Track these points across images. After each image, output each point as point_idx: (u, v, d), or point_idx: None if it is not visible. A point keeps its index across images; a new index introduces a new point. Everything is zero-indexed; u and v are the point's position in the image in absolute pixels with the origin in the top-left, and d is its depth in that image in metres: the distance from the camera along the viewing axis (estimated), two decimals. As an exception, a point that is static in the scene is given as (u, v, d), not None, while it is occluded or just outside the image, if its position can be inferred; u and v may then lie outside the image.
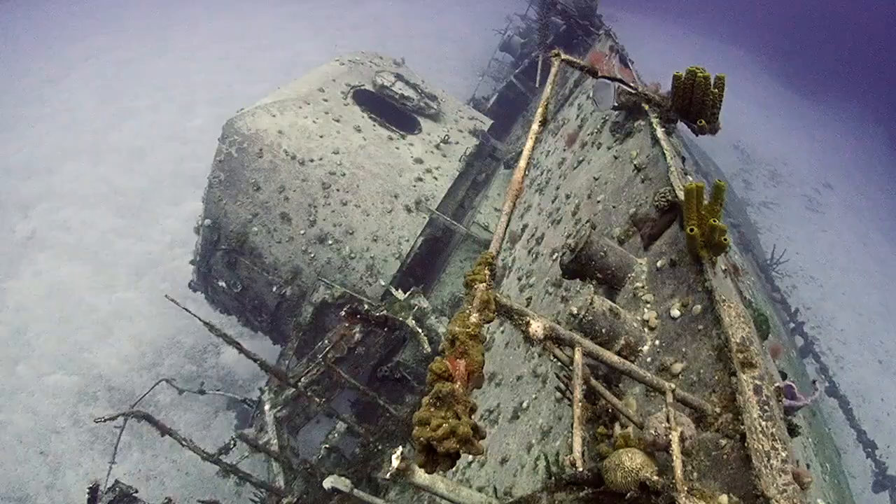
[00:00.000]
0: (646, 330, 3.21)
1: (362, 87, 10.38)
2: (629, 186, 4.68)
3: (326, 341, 6.42)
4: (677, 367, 2.82)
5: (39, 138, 21.54)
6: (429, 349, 5.77)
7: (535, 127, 2.91)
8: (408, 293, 7.28)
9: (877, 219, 26.34)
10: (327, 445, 5.99)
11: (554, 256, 5.54)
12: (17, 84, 24.85)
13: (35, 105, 23.77)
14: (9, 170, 19.80)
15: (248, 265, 8.42)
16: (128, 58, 27.33)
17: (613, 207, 4.74)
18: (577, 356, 2.13)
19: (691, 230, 2.91)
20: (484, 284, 2.06)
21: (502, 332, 5.88)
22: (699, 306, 2.93)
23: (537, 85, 11.54)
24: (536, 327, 2.08)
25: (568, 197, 6.23)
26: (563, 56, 3.68)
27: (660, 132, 4.60)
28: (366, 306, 7.82)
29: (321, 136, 8.67)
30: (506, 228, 2.32)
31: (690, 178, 5.06)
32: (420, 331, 5.90)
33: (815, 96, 38.27)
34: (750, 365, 2.44)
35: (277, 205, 8.21)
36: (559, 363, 4.37)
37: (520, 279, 6.30)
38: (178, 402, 13.39)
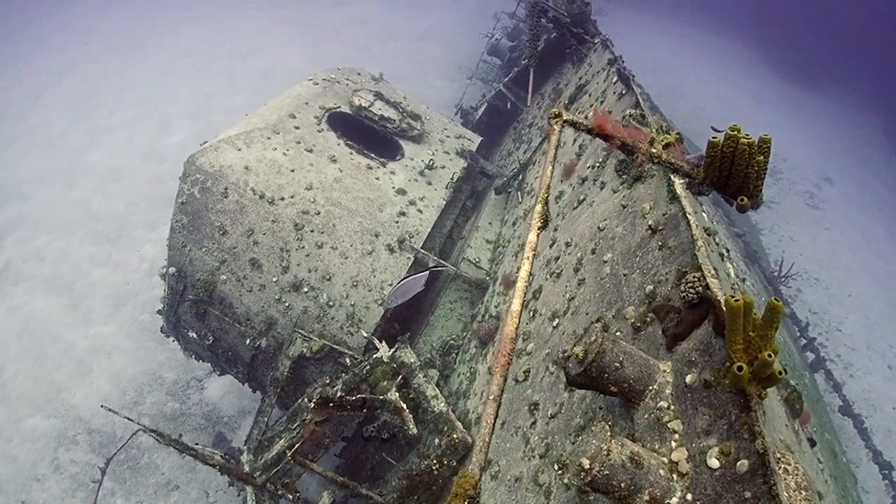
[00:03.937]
0: (674, 476, 2.51)
1: (338, 110, 9.61)
2: (643, 251, 3.96)
3: (295, 436, 5.70)
4: (722, 550, 2.13)
5: (13, 161, 20.65)
6: (414, 430, 5.06)
7: (531, 237, 2.15)
8: (393, 349, 6.55)
9: (878, 213, 25.73)
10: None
11: (555, 323, 4.82)
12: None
13: (10, 125, 22.85)
14: (-18, 197, 18.96)
15: (219, 316, 7.68)
16: (104, 71, 26.41)
17: (625, 276, 4.02)
18: None
19: (739, 369, 2.20)
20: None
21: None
22: (745, 462, 2.23)
23: (527, 104, 10.79)
24: None
25: (568, 245, 5.52)
26: (566, 116, 2.94)
27: (678, 185, 3.87)
28: (347, 361, 7.11)
29: (292, 171, 7.92)
30: (492, 428, 1.61)
31: (712, 226, 4.29)
32: (405, 406, 5.20)
33: (810, 86, 37.62)
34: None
35: (246, 250, 7.46)
36: (565, 478, 3.67)
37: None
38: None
